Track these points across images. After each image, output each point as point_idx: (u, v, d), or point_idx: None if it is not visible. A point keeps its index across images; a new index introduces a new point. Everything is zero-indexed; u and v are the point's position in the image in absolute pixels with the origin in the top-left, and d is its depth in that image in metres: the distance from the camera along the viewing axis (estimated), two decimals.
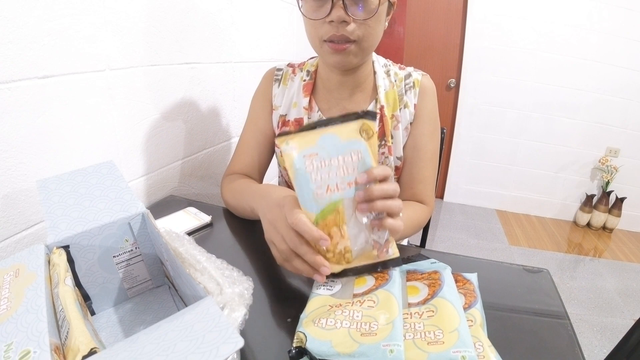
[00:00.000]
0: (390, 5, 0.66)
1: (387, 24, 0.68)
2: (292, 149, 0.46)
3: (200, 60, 0.95)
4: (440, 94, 2.74)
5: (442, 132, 1.11)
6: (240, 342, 0.27)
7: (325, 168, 0.45)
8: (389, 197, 0.46)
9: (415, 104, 0.75)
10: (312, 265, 0.46)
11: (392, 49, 2.58)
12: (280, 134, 0.47)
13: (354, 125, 0.46)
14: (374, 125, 0.46)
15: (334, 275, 0.49)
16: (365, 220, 0.47)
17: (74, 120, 0.65)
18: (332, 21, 0.60)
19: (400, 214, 0.47)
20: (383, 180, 0.46)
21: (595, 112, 2.49)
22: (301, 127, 0.47)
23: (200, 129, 0.99)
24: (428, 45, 2.65)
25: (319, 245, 0.46)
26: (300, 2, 0.63)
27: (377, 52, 0.74)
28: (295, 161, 0.46)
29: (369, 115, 0.46)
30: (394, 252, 0.49)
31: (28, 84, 0.56)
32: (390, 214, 0.47)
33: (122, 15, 0.70)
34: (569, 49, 2.39)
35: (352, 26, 0.61)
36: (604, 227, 2.67)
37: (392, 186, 0.47)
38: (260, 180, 0.84)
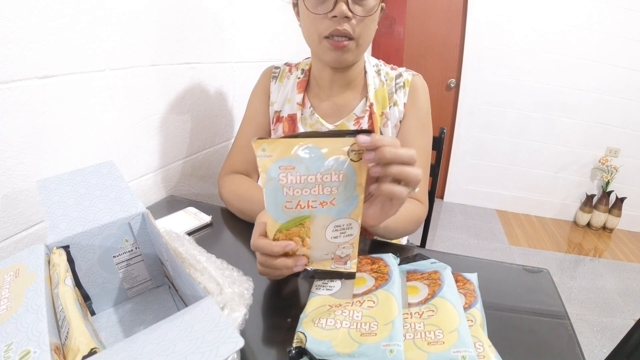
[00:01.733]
0: (382, 9, 0.68)
1: (376, 25, 0.70)
2: (267, 156, 0.42)
3: (200, 60, 0.95)
4: (440, 94, 2.74)
5: (442, 132, 1.11)
6: (240, 342, 0.27)
7: (300, 184, 0.42)
8: (405, 163, 0.41)
9: (404, 103, 0.76)
10: (286, 269, 0.48)
11: (392, 49, 2.58)
12: (258, 139, 0.42)
13: (342, 143, 0.41)
14: None
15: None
16: (332, 238, 0.46)
17: (74, 120, 0.65)
18: (334, 16, 0.61)
19: (417, 189, 0.45)
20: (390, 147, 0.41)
21: (595, 112, 2.49)
22: (285, 135, 0.44)
23: (200, 129, 0.99)
24: (428, 45, 2.65)
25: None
26: None
27: (377, 52, 0.75)
28: (270, 170, 0.42)
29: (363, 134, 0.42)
30: (351, 267, 0.49)
31: (28, 84, 0.56)
32: (407, 183, 0.43)
33: (122, 15, 0.70)
34: (569, 49, 2.39)
35: (353, 23, 0.62)
36: (604, 227, 2.67)
37: (408, 152, 0.41)
38: (258, 177, 0.84)
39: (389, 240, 0.68)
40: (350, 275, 0.49)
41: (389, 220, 0.52)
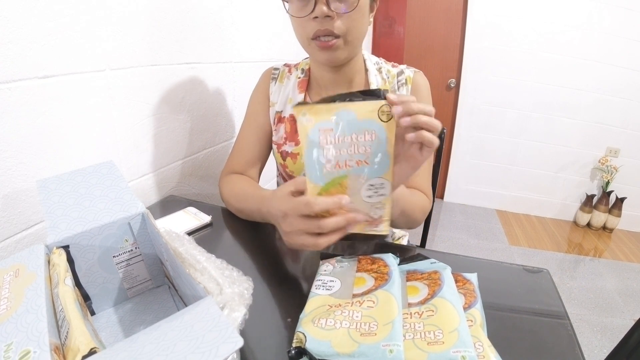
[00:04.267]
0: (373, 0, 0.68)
1: (371, 19, 0.69)
2: (308, 120, 0.46)
3: (200, 60, 0.95)
4: (440, 94, 2.74)
5: (442, 132, 1.11)
6: (239, 342, 0.27)
7: (338, 144, 0.46)
8: (427, 114, 0.46)
9: None
10: (338, 230, 0.47)
11: (392, 49, 2.58)
12: (299, 104, 0.47)
13: (372, 106, 0.46)
14: None
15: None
16: (367, 197, 0.48)
17: (74, 120, 0.65)
18: (316, 17, 0.61)
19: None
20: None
21: (595, 112, 2.49)
22: (321, 99, 0.47)
23: (200, 129, 0.99)
24: (428, 45, 2.65)
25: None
26: (286, 4, 0.65)
27: (378, 52, 0.74)
28: (310, 133, 0.46)
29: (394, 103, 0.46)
30: (384, 229, 0.50)
31: (28, 84, 0.56)
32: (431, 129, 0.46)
33: (122, 15, 0.70)
34: (569, 49, 2.39)
35: (336, 21, 0.62)
36: (604, 227, 2.67)
37: (427, 107, 0.46)
38: (259, 177, 0.85)
39: (390, 241, 0.68)
40: (382, 237, 0.50)
41: (404, 204, 0.60)
